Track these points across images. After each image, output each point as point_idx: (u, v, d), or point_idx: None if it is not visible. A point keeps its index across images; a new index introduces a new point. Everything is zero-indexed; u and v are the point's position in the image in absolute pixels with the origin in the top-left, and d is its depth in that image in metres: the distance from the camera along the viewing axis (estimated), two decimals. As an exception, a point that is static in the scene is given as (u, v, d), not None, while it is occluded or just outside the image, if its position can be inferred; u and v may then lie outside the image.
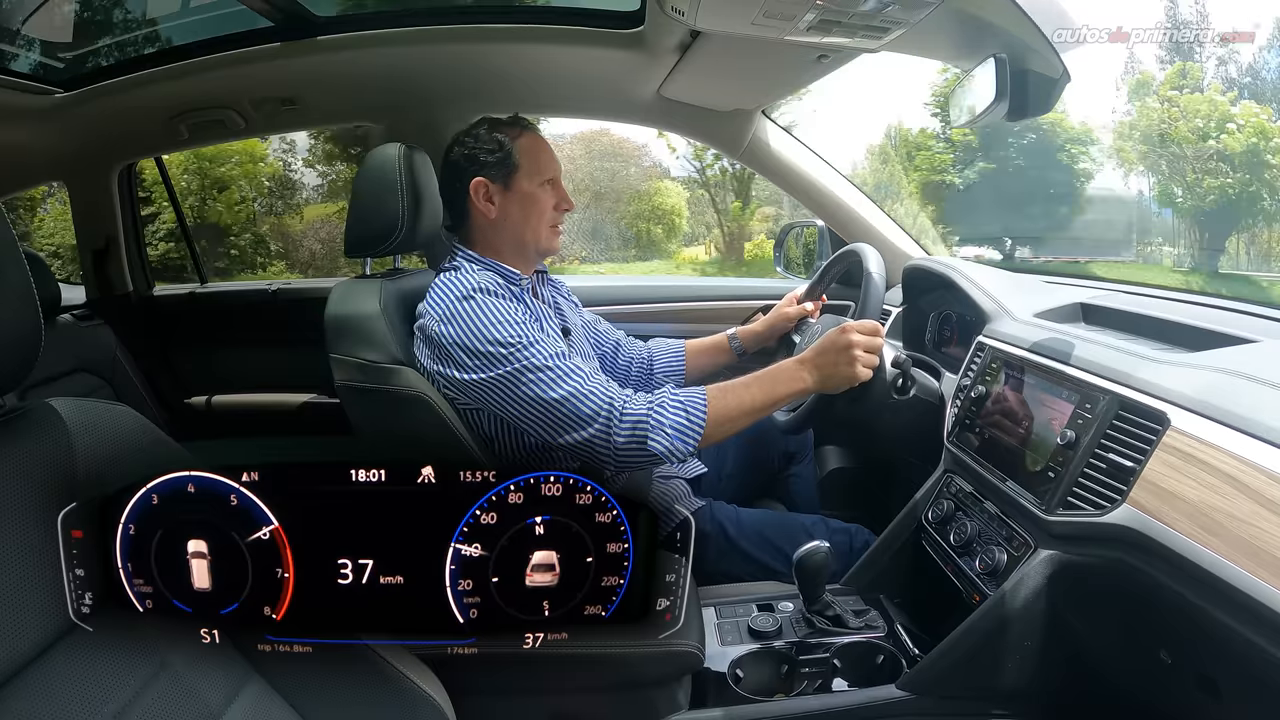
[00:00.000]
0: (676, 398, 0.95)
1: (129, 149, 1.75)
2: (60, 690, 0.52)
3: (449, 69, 1.43)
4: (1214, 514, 0.61)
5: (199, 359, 1.91)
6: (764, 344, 1.33)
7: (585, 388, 0.92)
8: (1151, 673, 0.75)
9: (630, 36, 1.29)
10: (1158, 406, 0.71)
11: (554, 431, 0.93)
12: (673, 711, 0.91)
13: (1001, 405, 0.95)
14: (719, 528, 1.12)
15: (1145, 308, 0.98)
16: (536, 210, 1.06)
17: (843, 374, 0.98)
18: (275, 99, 1.51)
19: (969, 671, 0.86)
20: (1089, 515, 0.75)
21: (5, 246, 0.51)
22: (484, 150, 1.04)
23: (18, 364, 0.54)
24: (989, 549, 0.88)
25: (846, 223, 1.56)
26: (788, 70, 1.28)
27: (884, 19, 0.92)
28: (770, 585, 1.09)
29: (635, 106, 1.51)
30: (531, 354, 0.92)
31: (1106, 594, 0.77)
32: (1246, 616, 0.57)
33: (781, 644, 0.95)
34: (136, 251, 1.88)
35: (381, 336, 0.98)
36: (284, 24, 1.34)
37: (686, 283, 1.94)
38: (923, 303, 1.39)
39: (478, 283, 0.97)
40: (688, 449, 0.93)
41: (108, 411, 0.61)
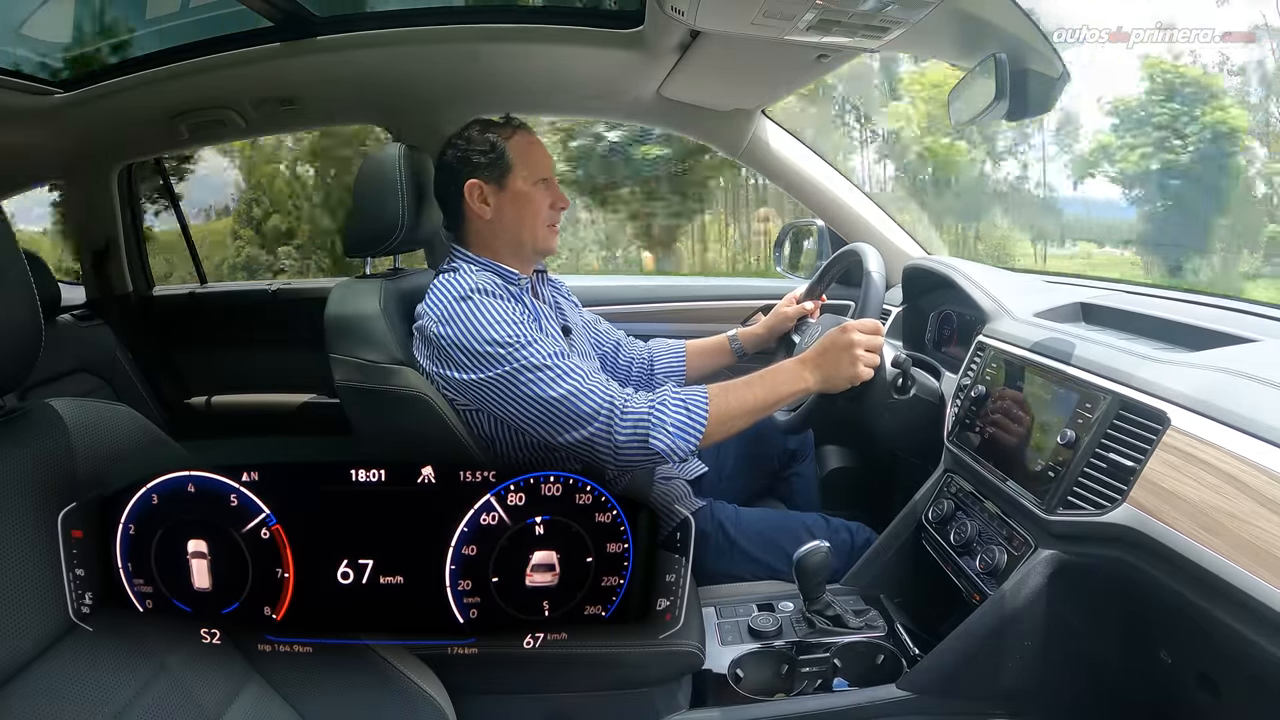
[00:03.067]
0: (678, 396, 0.95)
1: (129, 149, 1.76)
2: (61, 690, 0.52)
3: (449, 69, 1.43)
4: (1214, 513, 0.61)
5: (199, 359, 1.91)
6: (764, 345, 1.33)
7: (585, 386, 0.92)
8: (1151, 672, 0.75)
9: (630, 36, 1.29)
10: (1158, 406, 0.71)
11: (554, 430, 0.93)
12: (673, 711, 0.91)
13: (1002, 405, 0.95)
14: (719, 527, 1.12)
15: (1145, 307, 0.97)
16: (531, 209, 1.05)
17: (845, 373, 0.98)
18: (275, 99, 1.51)
19: (969, 671, 0.86)
20: (1089, 515, 0.75)
21: (5, 246, 0.51)
22: (476, 151, 1.03)
23: (18, 364, 0.54)
24: (989, 548, 0.88)
25: (846, 223, 1.56)
26: (787, 70, 1.28)
27: (884, 18, 0.92)
28: (770, 585, 1.09)
29: (635, 106, 1.51)
30: (530, 353, 0.92)
31: (1107, 594, 0.77)
32: (1247, 616, 0.57)
33: (781, 644, 0.95)
34: (136, 251, 1.88)
35: (381, 336, 0.98)
36: (284, 24, 1.34)
37: (686, 283, 1.93)
38: (923, 302, 1.39)
39: (475, 283, 0.96)
40: (690, 447, 0.93)
41: (108, 411, 0.61)
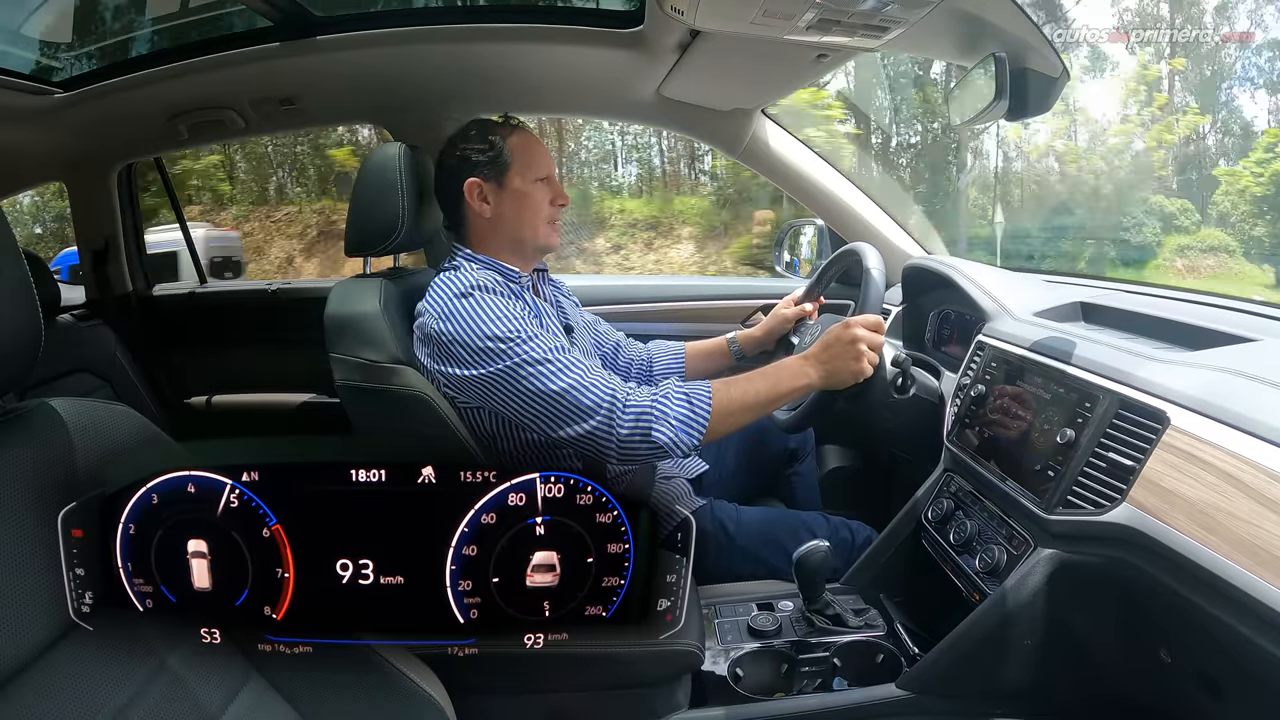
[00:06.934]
0: (681, 390, 0.94)
1: (128, 149, 1.75)
2: (61, 689, 0.52)
3: (448, 69, 1.43)
4: (1214, 513, 0.61)
5: (199, 359, 1.91)
6: (763, 347, 1.33)
7: (586, 380, 0.92)
8: (1151, 672, 0.75)
9: (630, 36, 1.29)
10: (1158, 405, 0.71)
11: (555, 425, 0.93)
12: (673, 711, 0.91)
13: (1001, 404, 0.95)
14: (719, 526, 1.12)
15: (1145, 307, 0.97)
16: (531, 207, 1.05)
17: (848, 369, 0.98)
18: (274, 99, 1.51)
19: (969, 671, 0.86)
20: (1089, 514, 0.75)
21: (5, 246, 0.51)
22: (475, 151, 1.04)
23: (18, 364, 0.54)
24: (989, 548, 0.88)
25: (846, 222, 1.56)
26: (787, 69, 1.28)
27: (883, 18, 0.92)
28: (770, 584, 1.09)
29: (635, 106, 1.51)
30: (530, 348, 0.92)
31: (1106, 593, 0.77)
32: (1247, 615, 0.57)
33: (781, 643, 0.95)
34: (136, 251, 1.88)
35: (382, 336, 0.98)
36: (283, 24, 1.34)
37: (686, 282, 1.94)
38: (922, 302, 1.39)
39: (476, 280, 0.96)
40: (693, 441, 0.93)
41: (108, 411, 0.61)
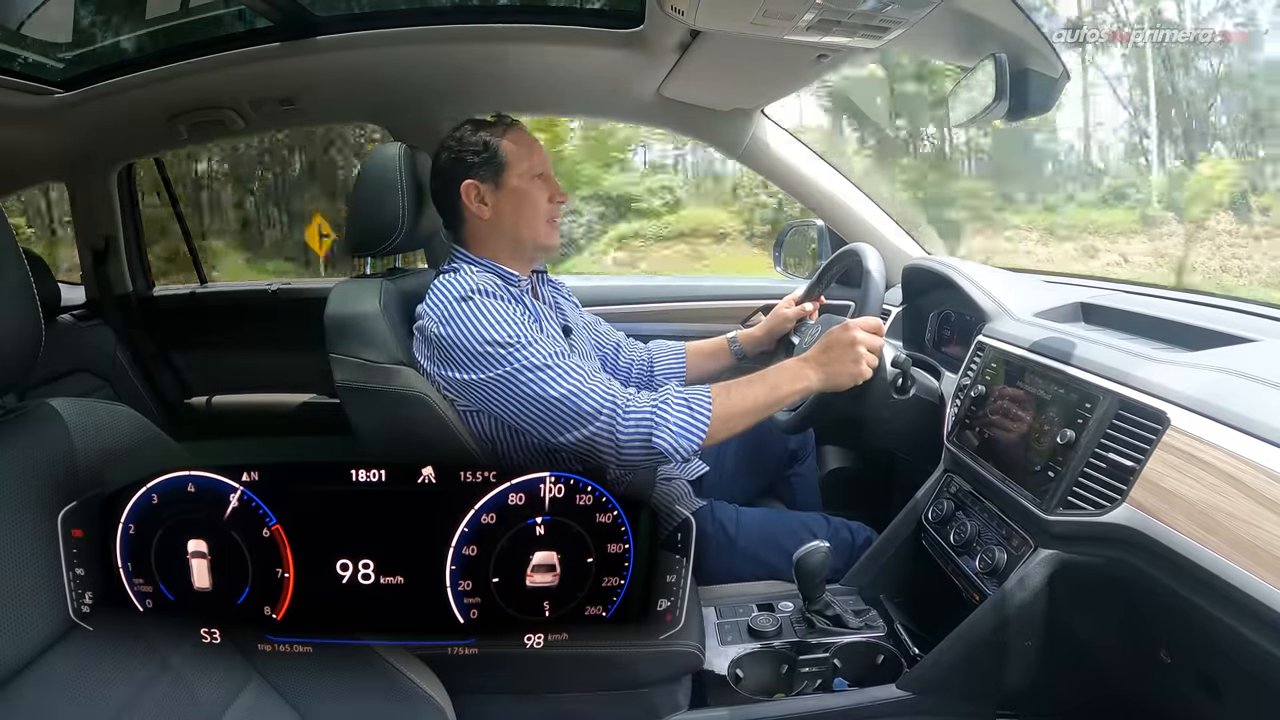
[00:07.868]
0: (681, 395, 0.94)
1: (129, 149, 1.76)
2: (61, 689, 0.52)
3: (448, 69, 1.43)
4: (1214, 513, 0.61)
5: (199, 359, 1.91)
6: (763, 347, 1.33)
7: (586, 385, 0.92)
8: (1151, 673, 0.75)
9: (630, 36, 1.29)
10: (1158, 406, 0.71)
11: (555, 430, 0.93)
12: (673, 711, 0.91)
13: (1001, 405, 0.95)
14: (719, 527, 1.12)
15: (1145, 307, 0.98)
16: (529, 205, 1.05)
17: (847, 371, 0.98)
18: (274, 98, 1.51)
19: (969, 671, 0.86)
20: (1089, 515, 0.75)
21: (5, 246, 0.51)
22: (470, 152, 1.03)
23: (18, 364, 0.54)
24: (989, 548, 0.88)
25: (846, 223, 1.56)
26: (787, 70, 1.28)
27: (883, 18, 0.92)
28: (770, 585, 1.09)
29: (635, 106, 1.51)
30: (530, 353, 0.92)
31: (1106, 594, 0.77)
32: (1247, 616, 0.57)
33: (781, 644, 0.95)
34: (136, 251, 1.88)
35: (382, 336, 0.98)
36: (283, 24, 1.34)
37: (686, 282, 1.93)
38: (922, 302, 1.39)
39: (476, 284, 0.96)
40: (693, 447, 0.93)
41: (108, 411, 0.61)
